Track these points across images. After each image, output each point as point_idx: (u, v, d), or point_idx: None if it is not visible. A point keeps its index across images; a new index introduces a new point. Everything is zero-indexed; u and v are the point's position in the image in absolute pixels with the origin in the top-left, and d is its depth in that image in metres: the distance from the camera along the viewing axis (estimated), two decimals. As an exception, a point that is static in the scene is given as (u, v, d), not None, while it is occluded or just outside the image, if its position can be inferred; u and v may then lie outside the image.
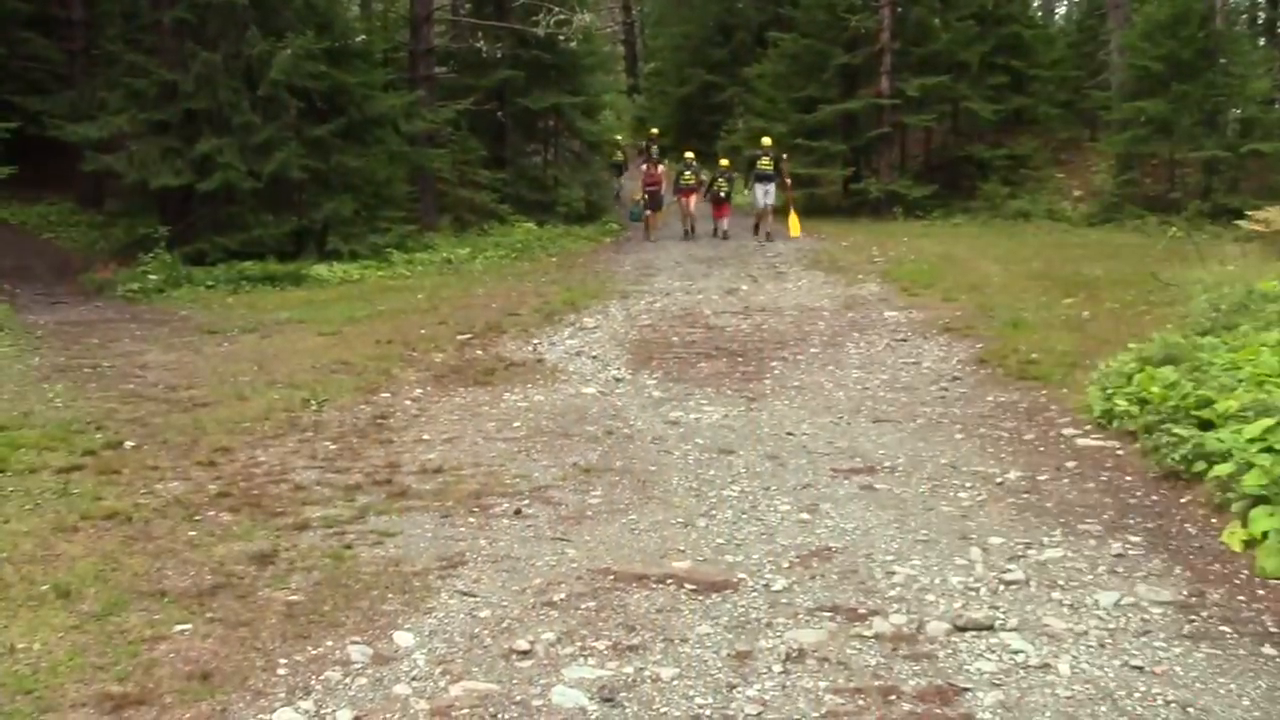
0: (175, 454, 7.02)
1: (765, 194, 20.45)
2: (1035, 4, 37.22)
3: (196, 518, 5.75)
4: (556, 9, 22.43)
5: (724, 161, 22.05)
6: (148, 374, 9.71)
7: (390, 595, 4.74)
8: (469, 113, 22.96)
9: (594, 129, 26.25)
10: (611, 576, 4.96)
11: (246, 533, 5.51)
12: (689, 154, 22.15)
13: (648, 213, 21.50)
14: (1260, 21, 33.56)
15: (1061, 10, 43.67)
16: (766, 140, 21.49)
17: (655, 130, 28.68)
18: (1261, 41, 30.38)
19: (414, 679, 4.01)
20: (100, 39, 20.29)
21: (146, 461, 6.82)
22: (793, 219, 20.83)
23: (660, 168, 22.23)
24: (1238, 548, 5.01)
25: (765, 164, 20.59)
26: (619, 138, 28.52)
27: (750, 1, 35.01)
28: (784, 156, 21.59)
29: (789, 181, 21.27)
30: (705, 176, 21.49)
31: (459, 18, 25.84)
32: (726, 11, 34.10)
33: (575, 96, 24.94)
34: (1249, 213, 13.28)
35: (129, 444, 7.22)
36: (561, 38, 22.97)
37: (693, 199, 21.17)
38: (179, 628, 4.37)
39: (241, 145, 16.82)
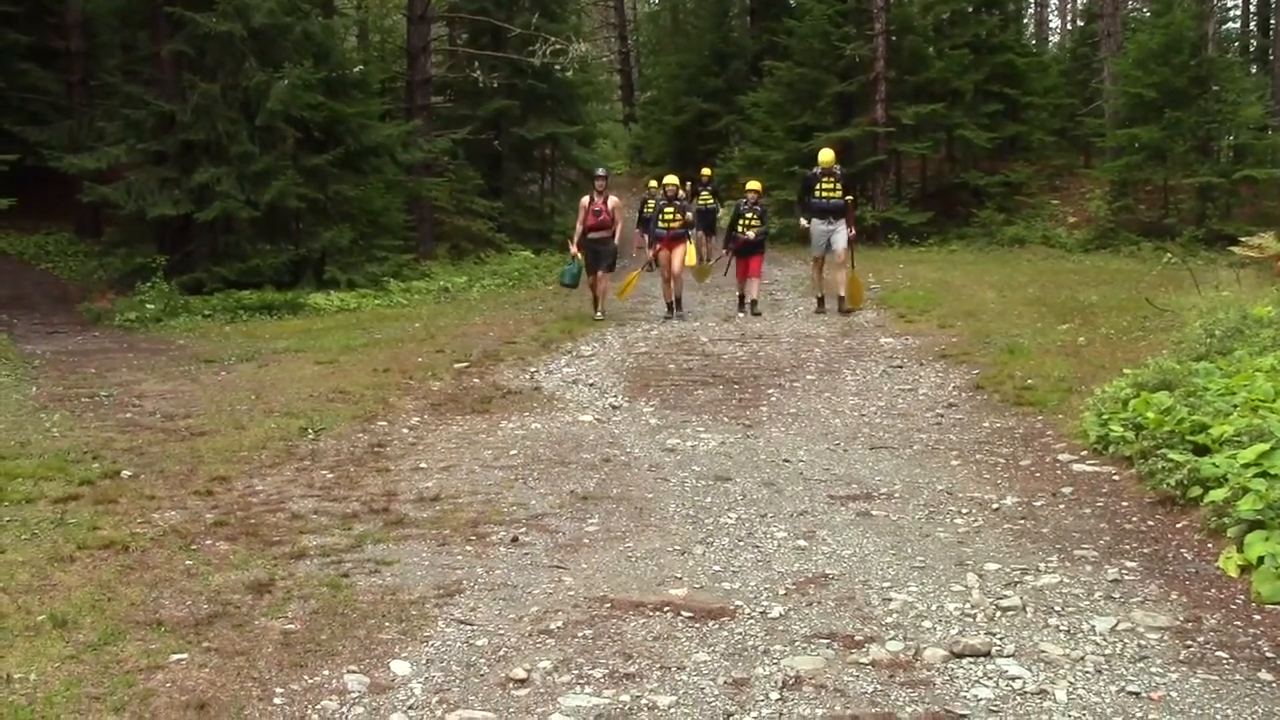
0: (172, 483, 7.01)
1: (832, 234, 13.75)
2: (1028, 32, 37.60)
3: (193, 547, 5.74)
4: (552, 39, 22.62)
5: (753, 185, 14.89)
6: (145, 403, 9.71)
7: (387, 624, 4.73)
8: (465, 142, 23.16)
9: (590, 158, 26.46)
10: (608, 604, 4.95)
11: (243, 562, 5.50)
12: (670, 178, 15.05)
13: (590, 275, 14.44)
14: (1252, 49, 33.84)
15: (1054, 38, 44.12)
16: (827, 155, 13.97)
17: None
18: (1253, 69, 30.65)
19: (410, 708, 4.00)
20: (98, 70, 20.44)
21: (143, 491, 6.81)
22: (853, 280, 14.46)
23: (611, 201, 14.19)
24: (1233, 573, 5.01)
25: (829, 188, 13.70)
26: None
27: (745, 30, 35.36)
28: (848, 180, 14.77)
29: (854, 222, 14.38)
30: (691, 215, 15.24)
31: (456, 48, 26.07)
32: (722, 40, 34.40)
33: (571, 126, 25.18)
34: (1242, 238, 13.35)
35: (126, 473, 7.22)
36: (557, 67, 23.17)
37: (678, 253, 14.38)
38: (175, 657, 4.36)
39: (239, 175, 16.93)
